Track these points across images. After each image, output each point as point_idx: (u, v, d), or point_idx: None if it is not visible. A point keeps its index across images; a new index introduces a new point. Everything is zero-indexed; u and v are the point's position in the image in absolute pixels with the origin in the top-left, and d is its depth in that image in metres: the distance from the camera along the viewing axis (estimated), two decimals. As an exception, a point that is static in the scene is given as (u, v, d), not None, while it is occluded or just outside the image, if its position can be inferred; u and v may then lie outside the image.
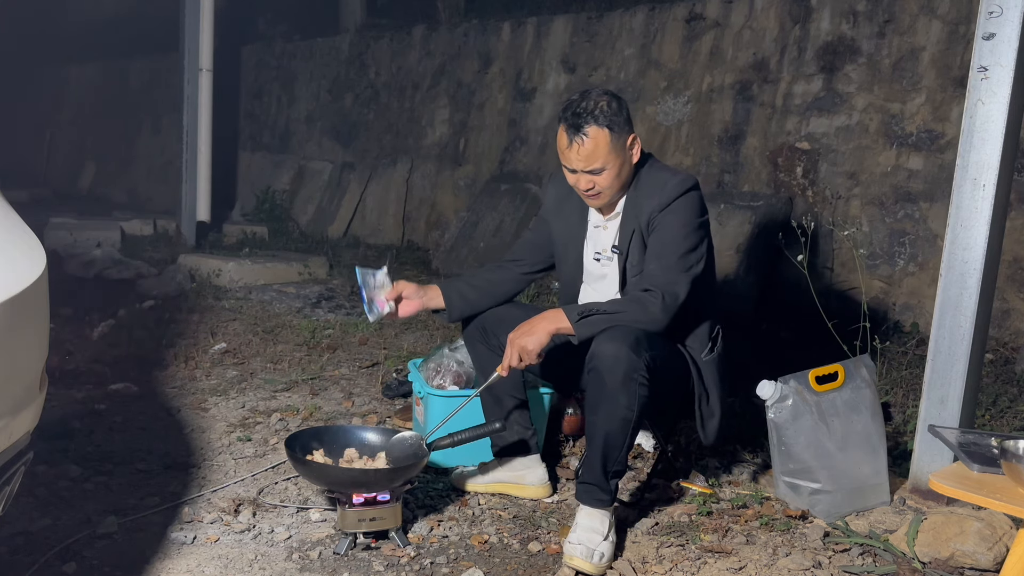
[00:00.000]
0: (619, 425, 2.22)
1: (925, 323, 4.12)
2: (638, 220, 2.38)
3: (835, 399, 2.53)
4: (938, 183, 4.24)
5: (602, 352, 2.20)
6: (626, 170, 2.37)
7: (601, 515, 2.25)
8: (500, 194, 6.41)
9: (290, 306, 5.02)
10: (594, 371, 2.22)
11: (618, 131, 2.31)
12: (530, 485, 2.63)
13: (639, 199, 2.39)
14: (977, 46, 2.41)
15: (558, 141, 2.36)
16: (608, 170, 2.32)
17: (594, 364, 2.22)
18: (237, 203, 8.66)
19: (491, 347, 2.56)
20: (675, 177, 2.38)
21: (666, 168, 2.47)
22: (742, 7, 5.17)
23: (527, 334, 2.26)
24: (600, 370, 2.20)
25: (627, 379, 2.17)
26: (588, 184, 2.35)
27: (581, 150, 2.30)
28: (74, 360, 3.72)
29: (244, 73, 9.10)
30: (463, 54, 6.96)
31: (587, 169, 2.32)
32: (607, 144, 2.30)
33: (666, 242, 2.32)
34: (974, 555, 2.21)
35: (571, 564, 2.17)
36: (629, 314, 2.25)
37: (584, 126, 2.29)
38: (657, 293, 2.25)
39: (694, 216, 2.35)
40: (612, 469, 2.26)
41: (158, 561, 2.14)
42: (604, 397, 2.21)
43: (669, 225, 2.33)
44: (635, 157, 2.38)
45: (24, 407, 1.67)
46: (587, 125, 2.29)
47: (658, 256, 2.32)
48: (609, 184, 2.35)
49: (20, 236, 1.84)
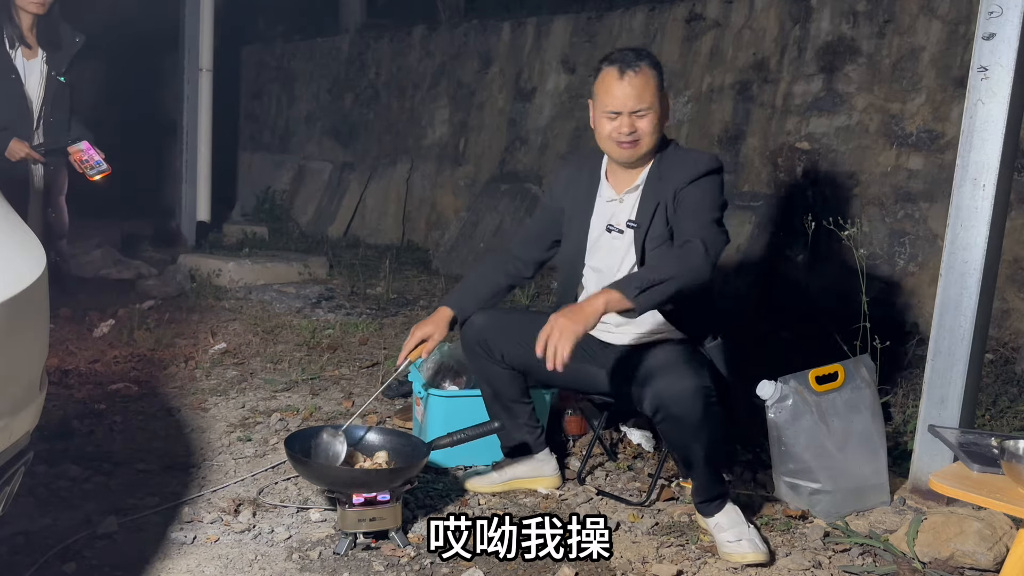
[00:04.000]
0: (715, 446, 2.28)
1: (925, 323, 4.12)
2: (662, 195, 2.37)
3: (835, 399, 2.53)
4: (938, 183, 4.24)
5: (669, 397, 2.17)
6: (661, 126, 2.38)
7: (731, 510, 2.33)
8: (500, 194, 6.41)
9: (290, 306, 5.02)
10: (670, 419, 2.20)
11: (661, 77, 2.36)
12: (546, 476, 2.68)
13: (664, 172, 2.39)
14: (977, 46, 2.41)
15: (603, 82, 2.36)
16: (651, 114, 2.33)
17: (667, 412, 2.19)
18: (237, 203, 8.65)
19: (495, 361, 2.52)
20: (705, 155, 2.42)
21: (692, 150, 2.50)
22: (742, 7, 5.16)
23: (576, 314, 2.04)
24: (677, 416, 2.18)
25: (705, 411, 2.18)
26: (630, 127, 2.33)
27: (634, 81, 2.31)
28: (74, 360, 3.72)
29: (244, 73, 9.10)
30: (463, 54, 6.95)
31: (634, 109, 2.32)
32: (655, 85, 2.33)
33: (700, 206, 2.32)
34: (974, 555, 2.21)
35: (745, 561, 2.24)
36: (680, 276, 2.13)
37: (637, 61, 2.32)
38: (698, 243, 2.21)
39: (720, 194, 2.38)
40: (722, 471, 2.39)
41: (158, 561, 2.14)
42: (691, 435, 2.22)
43: (701, 194, 2.33)
44: (667, 117, 2.40)
45: (24, 407, 1.67)
46: (639, 61, 2.32)
47: (694, 215, 2.31)
48: (650, 131, 2.34)
49: (20, 236, 1.84)
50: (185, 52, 6.77)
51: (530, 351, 2.10)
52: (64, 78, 4.06)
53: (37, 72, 4.00)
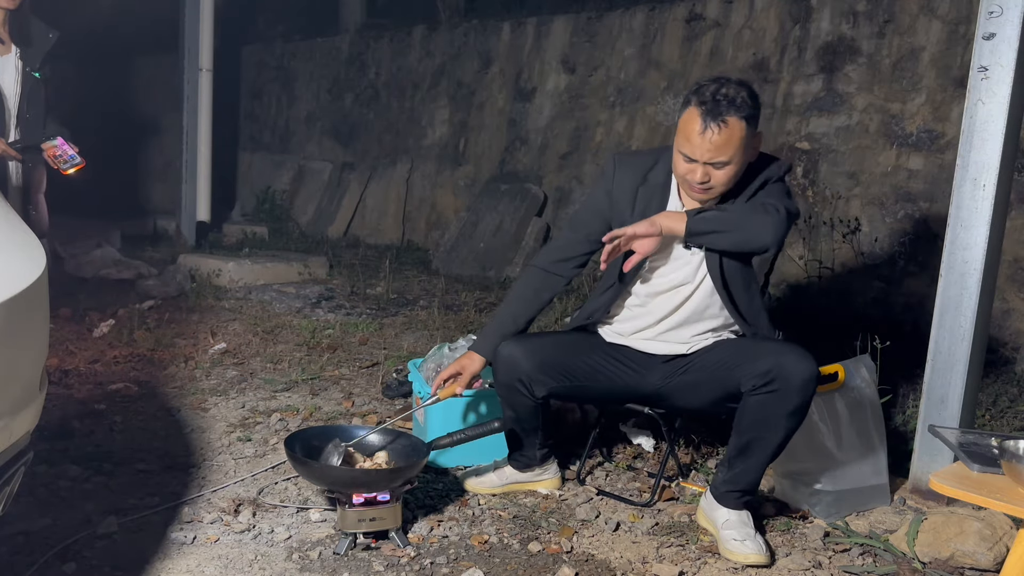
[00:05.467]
0: (787, 440, 2.27)
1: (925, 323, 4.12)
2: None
3: (835, 399, 2.53)
4: (938, 183, 4.24)
5: (792, 372, 2.16)
6: (744, 167, 2.24)
7: (744, 513, 2.34)
8: (500, 194, 6.41)
9: (290, 306, 5.02)
10: (778, 392, 2.18)
11: (753, 125, 2.19)
12: (545, 479, 2.68)
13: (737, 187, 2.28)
14: (977, 46, 2.41)
15: (685, 125, 2.20)
16: (731, 165, 2.19)
17: (781, 384, 2.17)
18: (237, 203, 8.66)
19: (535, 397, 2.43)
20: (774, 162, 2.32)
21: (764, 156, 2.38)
22: (742, 7, 5.17)
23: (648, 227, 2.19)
24: (786, 392, 2.17)
25: (809, 398, 2.19)
26: (704, 177, 2.21)
27: (715, 139, 2.15)
28: (74, 360, 3.72)
29: (244, 73, 9.10)
30: (463, 54, 6.96)
31: (711, 161, 2.18)
32: (741, 138, 2.16)
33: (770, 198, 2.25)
34: (974, 555, 2.21)
35: (748, 562, 2.23)
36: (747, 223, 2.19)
37: (725, 114, 2.14)
38: (773, 207, 2.18)
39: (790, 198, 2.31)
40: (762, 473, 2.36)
41: (158, 561, 2.14)
42: (785, 415, 2.20)
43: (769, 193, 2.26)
44: (755, 155, 2.27)
45: (24, 407, 1.67)
46: (727, 114, 2.14)
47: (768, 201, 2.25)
48: (726, 181, 2.22)
49: (20, 236, 1.84)
50: (185, 52, 6.77)
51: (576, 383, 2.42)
52: (39, 74, 4.05)
53: (12, 68, 3.98)
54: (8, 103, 3.97)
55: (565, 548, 2.31)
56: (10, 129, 3.97)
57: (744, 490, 2.34)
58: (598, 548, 2.33)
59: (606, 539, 2.38)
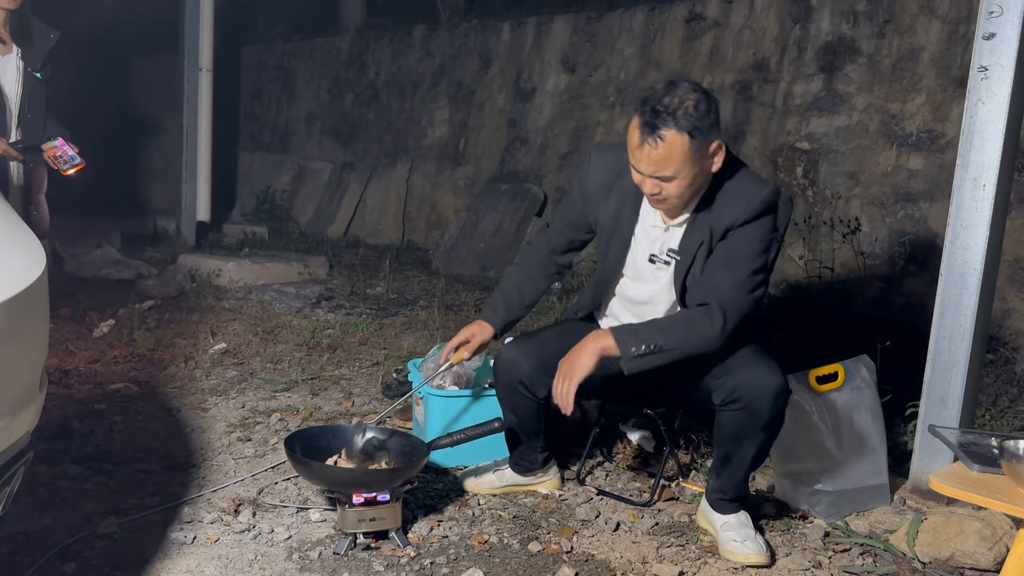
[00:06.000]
0: (766, 449, 2.28)
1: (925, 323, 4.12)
2: (712, 231, 2.18)
3: (835, 399, 2.53)
4: (938, 183, 4.24)
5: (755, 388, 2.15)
6: (700, 180, 2.13)
7: (742, 514, 2.34)
8: (500, 194, 6.41)
9: (290, 306, 5.02)
10: (745, 410, 2.17)
11: (699, 138, 2.04)
12: (545, 481, 2.68)
13: (717, 203, 2.18)
14: (977, 46, 2.41)
15: (629, 135, 2.10)
16: (679, 179, 2.08)
17: (746, 404, 2.17)
18: (237, 203, 8.66)
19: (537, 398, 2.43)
20: (762, 190, 2.16)
21: (753, 176, 2.23)
22: (742, 7, 5.17)
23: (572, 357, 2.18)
24: (754, 409, 2.17)
25: (781, 410, 2.19)
26: (654, 189, 2.12)
27: (652, 154, 2.05)
28: (74, 360, 3.72)
29: (244, 73, 9.10)
30: (463, 54, 6.96)
31: (655, 175, 2.09)
32: (684, 152, 2.03)
33: (740, 256, 2.16)
34: (974, 555, 2.21)
35: (748, 563, 2.24)
36: (684, 348, 2.14)
37: (660, 127, 2.02)
38: (717, 313, 2.12)
39: (774, 230, 2.21)
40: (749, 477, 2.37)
41: (158, 561, 2.14)
42: (757, 430, 2.21)
43: (746, 240, 2.15)
44: (715, 166, 2.13)
45: (24, 407, 1.67)
46: (664, 127, 2.02)
47: (729, 267, 2.16)
48: (679, 193, 2.11)
49: (20, 236, 1.84)
50: (185, 52, 6.77)
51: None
52: (40, 74, 4.05)
53: (13, 68, 3.98)
54: (9, 103, 3.97)
55: (565, 548, 2.31)
56: (11, 129, 3.97)
57: (733, 497, 2.35)
58: (598, 548, 2.33)
59: (606, 539, 2.38)
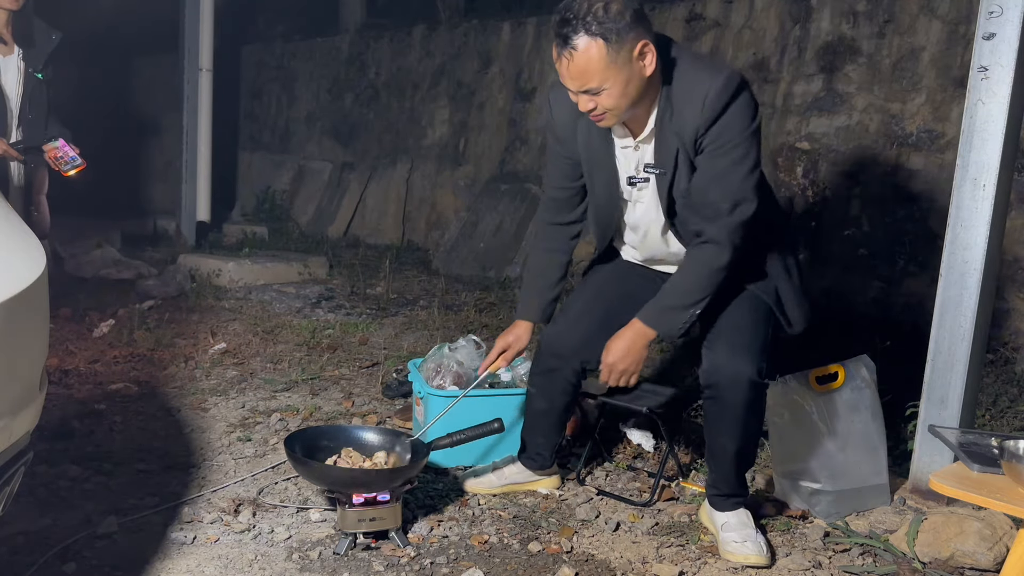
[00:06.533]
0: (751, 439, 2.28)
1: (925, 323, 4.12)
2: (680, 138, 2.05)
3: (835, 399, 2.53)
4: (938, 183, 4.24)
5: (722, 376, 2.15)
6: (635, 85, 1.98)
7: (742, 513, 2.32)
8: (500, 194, 6.41)
9: (290, 306, 5.02)
10: (717, 399, 2.18)
11: (616, 41, 1.90)
12: (544, 479, 2.68)
13: (675, 111, 2.04)
14: (977, 46, 2.41)
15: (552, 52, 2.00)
16: (609, 89, 1.96)
17: (716, 392, 2.18)
18: (237, 203, 8.65)
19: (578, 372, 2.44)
20: (715, 80, 1.99)
21: (701, 66, 2.05)
22: (742, 7, 5.16)
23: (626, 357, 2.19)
24: (724, 399, 2.17)
25: (754, 398, 2.18)
26: (589, 104, 2.00)
27: (571, 67, 1.94)
28: (74, 360, 3.72)
29: (244, 73, 9.10)
30: (463, 54, 6.95)
31: (582, 89, 1.97)
32: (602, 59, 1.91)
33: (725, 166, 2.04)
34: (974, 555, 2.21)
35: (747, 563, 2.23)
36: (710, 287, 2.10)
37: (572, 37, 1.91)
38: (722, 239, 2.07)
39: (748, 123, 2.03)
40: (745, 471, 2.35)
41: (158, 561, 2.14)
42: (732, 421, 2.21)
43: (723, 143, 2.02)
44: (648, 69, 1.97)
45: (24, 407, 1.67)
46: (575, 35, 1.90)
47: (719, 179, 2.05)
48: (614, 104, 1.99)
49: (20, 236, 1.84)
50: (185, 52, 6.77)
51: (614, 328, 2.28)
52: (41, 75, 4.05)
53: (14, 69, 3.99)
54: (10, 104, 3.97)
55: (565, 548, 2.31)
56: (12, 130, 3.97)
57: (728, 493, 2.34)
58: (598, 548, 2.33)
59: (606, 539, 2.38)
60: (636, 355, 2.20)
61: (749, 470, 2.42)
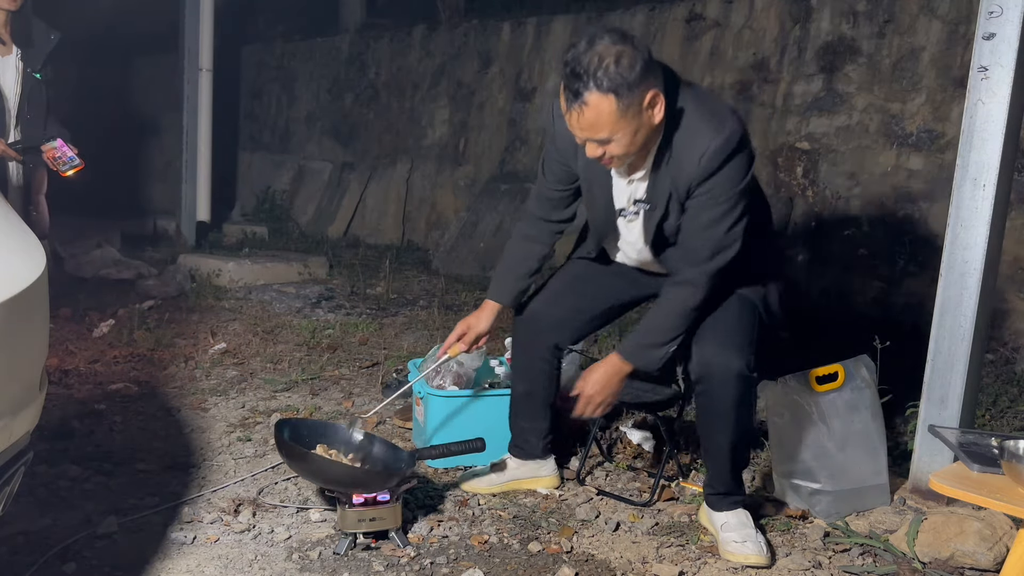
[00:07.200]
0: (743, 436, 2.29)
1: (925, 323, 4.12)
2: (675, 182, 2.10)
3: (835, 399, 2.53)
4: (938, 183, 4.24)
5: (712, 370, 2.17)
6: (643, 134, 2.02)
7: (741, 513, 2.33)
8: (500, 194, 6.41)
9: (290, 306, 5.02)
10: (707, 393, 2.20)
11: (627, 95, 1.92)
12: (544, 477, 2.68)
13: (674, 156, 2.08)
14: (977, 46, 2.41)
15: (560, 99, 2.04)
16: (617, 140, 1.99)
17: (707, 387, 2.20)
18: (237, 203, 8.65)
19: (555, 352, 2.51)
20: (716, 138, 2.03)
21: (705, 115, 2.07)
22: (742, 7, 5.16)
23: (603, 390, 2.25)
24: (714, 393, 2.19)
25: (744, 392, 2.19)
26: (597, 152, 2.04)
27: (580, 119, 1.97)
28: (74, 360, 3.72)
29: (244, 73, 9.10)
30: (463, 54, 6.95)
31: (590, 139, 2.02)
32: (612, 113, 1.93)
33: (712, 218, 2.10)
34: (974, 555, 2.21)
35: (747, 563, 2.23)
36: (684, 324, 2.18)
37: (583, 92, 1.92)
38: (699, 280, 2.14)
39: (739, 180, 2.08)
40: (741, 469, 2.35)
41: (158, 561, 2.14)
42: (724, 415, 2.23)
43: (713, 197, 2.07)
44: (657, 117, 2.00)
45: (24, 407, 1.67)
46: (586, 91, 1.92)
47: (704, 229, 2.11)
48: (622, 152, 2.03)
49: (20, 236, 1.84)
50: (185, 52, 6.77)
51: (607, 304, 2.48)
52: (40, 75, 4.05)
53: (12, 69, 3.99)
54: (8, 104, 3.97)
55: (565, 548, 2.31)
56: (10, 129, 3.97)
57: (724, 492, 2.35)
58: (598, 548, 2.33)
59: (606, 539, 2.38)
60: (612, 388, 2.26)
61: (745, 469, 2.42)
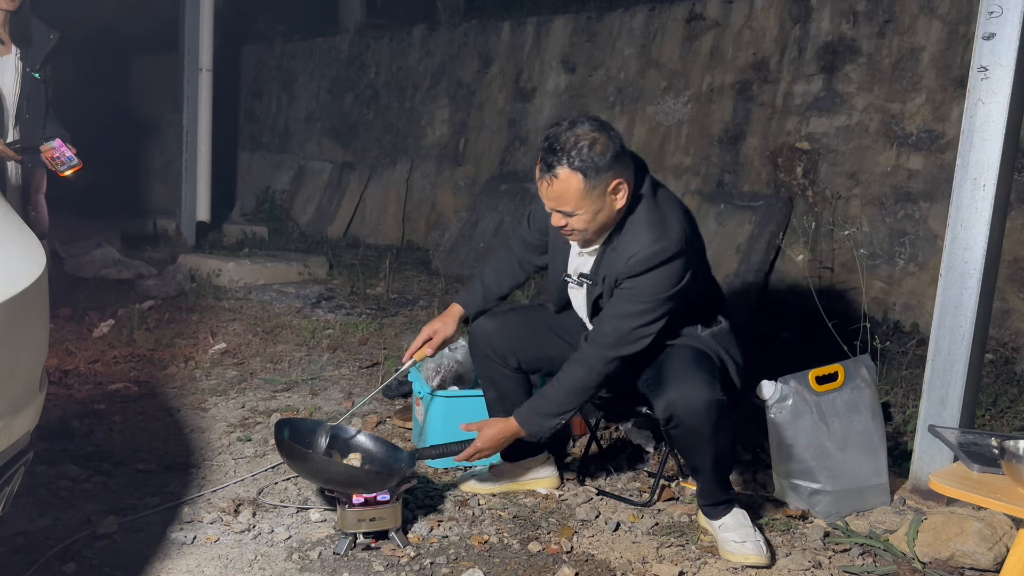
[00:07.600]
0: (723, 454, 2.32)
1: (925, 323, 4.12)
2: (612, 270, 2.25)
3: (835, 399, 2.53)
4: (938, 183, 4.24)
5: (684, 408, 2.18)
6: (604, 216, 2.17)
7: (738, 513, 2.34)
8: (500, 194, 6.41)
9: (290, 306, 5.02)
10: (682, 427, 2.22)
11: (593, 177, 2.10)
12: (543, 478, 2.69)
13: (618, 249, 2.24)
14: (977, 46, 2.41)
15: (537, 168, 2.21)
16: (580, 215, 2.15)
17: (680, 422, 2.21)
18: (237, 203, 8.65)
19: (506, 366, 2.53)
20: (648, 248, 2.17)
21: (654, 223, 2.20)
22: (742, 7, 5.16)
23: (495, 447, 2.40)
24: (689, 426, 2.20)
25: (717, 424, 2.20)
26: (560, 221, 2.20)
27: (549, 190, 2.14)
28: (74, 360, 3.72)
29: (244, 73, 9.10)
30: (463, 54, 6.96)
31: (556, 209, 2.18)
32: (578, 190, 2.10)
33: (626, 311, 2.21)
34: (974, 555, 2.21)
35: (747, 563, 2.25)
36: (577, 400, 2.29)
37: (555, 166, 2.10)
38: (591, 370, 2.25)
39: (663, 290, 2.19)
40: (727, 476, 2.39)
41: (158, 561, 2.14)
42: (703, 442, 2.24)
43: (634, 295, 2.20)
44: (618, 203, 2.17)
45: (24, 407, 1.67)
46: (558, 165, 2.10)
47: (616, 318, 2.23)
48: (583, 227, 2.19)
49: (20, 237, 1.84)
50: (185, 52, 6.77)
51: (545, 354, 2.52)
52: (39, 74, 4.05)
53: (11, 68, 3.98)
54: (7, 103, 3.97)
55: (565, 548, 2.31)
56: (9, 129, 3.97)
57: (716, 502, 2.36)
58: (598, 548, 2.33)
59: (606, 539, 2.38)
60: (501, 445, 2.40)
61: (731, 474, 2.45)
